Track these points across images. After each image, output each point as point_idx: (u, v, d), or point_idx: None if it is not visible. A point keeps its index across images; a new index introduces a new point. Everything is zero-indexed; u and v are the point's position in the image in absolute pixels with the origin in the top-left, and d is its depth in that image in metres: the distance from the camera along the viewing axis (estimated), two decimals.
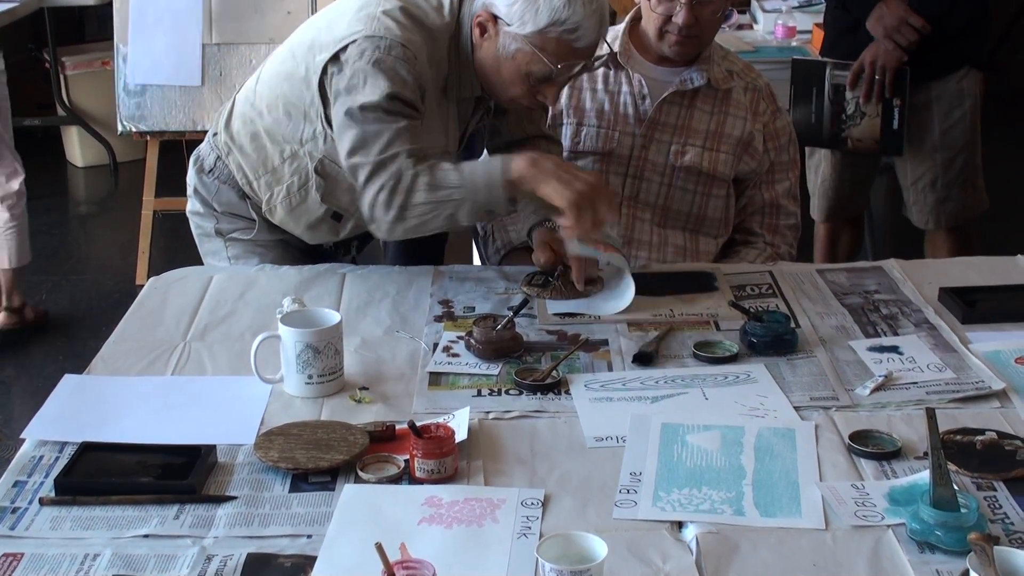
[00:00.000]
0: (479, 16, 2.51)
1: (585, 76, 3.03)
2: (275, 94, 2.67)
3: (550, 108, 3.00)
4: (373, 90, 2.46)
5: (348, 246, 2.91)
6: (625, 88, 3.01)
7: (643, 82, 2.99)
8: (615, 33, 3.04)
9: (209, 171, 2.82)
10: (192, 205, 2.89)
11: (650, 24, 2.93)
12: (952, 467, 1.91)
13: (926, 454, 1.89)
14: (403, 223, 2.50)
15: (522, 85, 2.54)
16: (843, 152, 4.02)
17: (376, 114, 2.47)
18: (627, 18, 3.06)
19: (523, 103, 2.63)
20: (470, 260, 3.23)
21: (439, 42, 2.55)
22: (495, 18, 2.49)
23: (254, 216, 2.80)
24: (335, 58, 2.52)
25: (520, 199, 2.50)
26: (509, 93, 2.58)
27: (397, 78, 2.46)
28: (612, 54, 2.99)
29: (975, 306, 2.54)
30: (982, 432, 2.05)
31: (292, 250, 2.85)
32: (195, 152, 2.88)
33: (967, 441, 2.02)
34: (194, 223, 2.90)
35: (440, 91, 2.60)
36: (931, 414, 1.86)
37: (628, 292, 2.57)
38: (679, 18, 2.86)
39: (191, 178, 2.86)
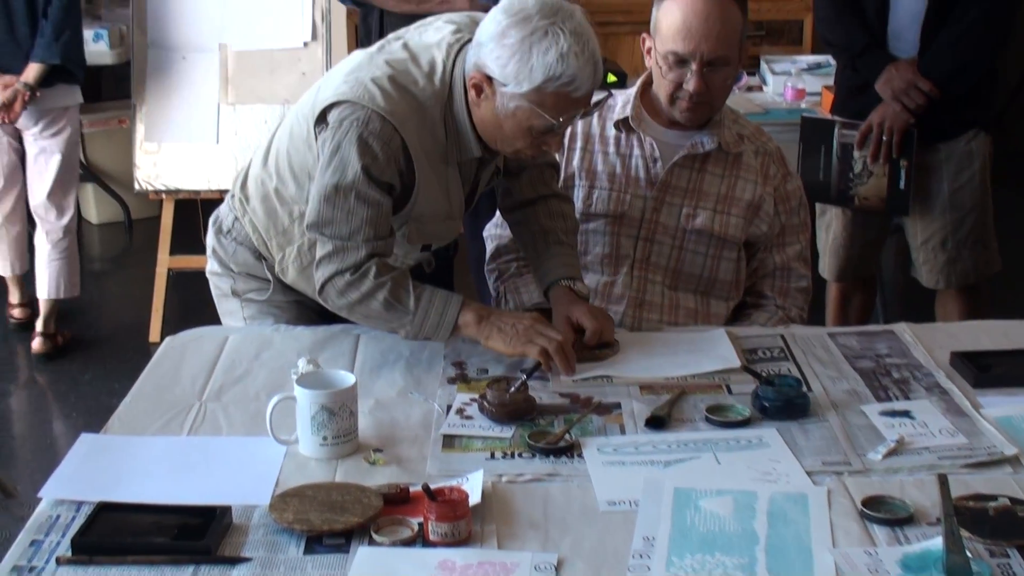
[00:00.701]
0: (473, 78, 2.51)
1: (597, 139, 3.06)
2: (282, 155, 2.71)
3: (562, 168, 3.04)
4: (347, 169, 2.50)
5: None
6: (637, 151, 3.04)
7: (654, 145, 3.02)
8: (627, 97, 3.07)
9: (227, 232, 2.85)
10: (211, 265, 2.92)
11: (661, 90, 2.96)
12: (965, 534, 1.91)
13: (939, 520, 1.90)
14: (350, 313, 2.61)
15: (525, 139, 2.55)
16: (851, 209, 4.04)
17: (347, 197, 2.51)
18: (639, 82, 3.09)
19: (528, 154, 2.65)
20: None
21: (430, 110, 2.56)
22: (489, 79, 2.49)
23: (269, 277, 2.83)
24: (321, 117, 2.56)
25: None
26: (513, 147, 2.59)
27: (370, 155, 2.49)
28: (624, 118, 3.02)
29: (987, 370, 2.55)
30: (995, 498, 2.05)
31: (307, 311, 2.88)
32: (214, 213, 2.92)
33: (980, 507, 2.02)
34: (212, 283, 2.93)
35: (440, 157, 2.61)
36: (943, 480, 1.87)
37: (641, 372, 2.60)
38: (690, 85, 2.88)
39: (210, 238, 2.90)
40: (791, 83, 5.02)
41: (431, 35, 2.64)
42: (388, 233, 2.57)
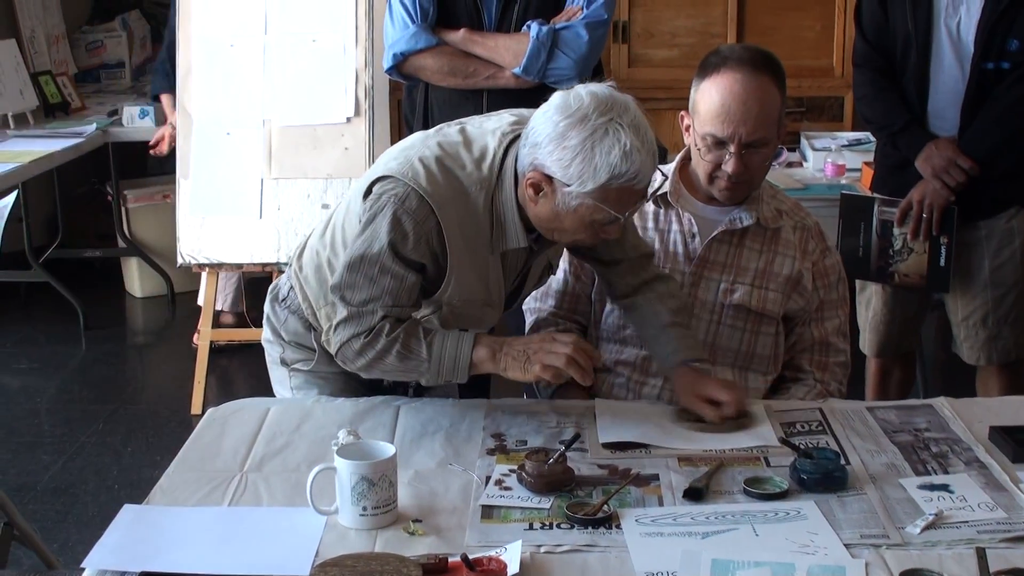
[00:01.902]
0: (531, 177, 2.52)
1: (636, 215, 3.09)
2: (337, 228, 2.76)
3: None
4: (374, 241, 2.56)
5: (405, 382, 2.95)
6: (675, 227, 3.06)
7: (692, 221, 3.04)
8: (665, 172, 3.09)
9: (282, 300, 2.91)
10: (265, 333, 2.98)
11: (700, 169, 2.98)
12: None
13: None
14: (368, 371, 2.67)
15: (587, 232, 2.58)
16: (891, 286, 4.05)
17: (371, 267, 2.57)
18: (678, 157, 3.12)
19: (586, 243, 2.71)
20: (518, 389, 3.27)
21: (474, 196, 2.58)
22: (549, 178, 2.51)
23: (315, 346, 2.86)
24: (368, 190, 2.61)
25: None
26: (572, 239, 2.64)
27: (400, 232, 2.54)
28: (663, 193, 3.05)
29: None
30: None
31: (351, 381, 2.89)
32: (274, 282, 2.98)
33: None
34: (266, 351, 3.00)
35: (482, 244, 2.63)
36: (981, 554, 1.87)
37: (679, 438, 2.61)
38: (728, 167, 2.90)
39: (267, 306, 2.96)
40: (831, 159, 5.04)
41: (491, 123, 2.69)
42: (408, 303, 2.61)
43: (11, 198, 3.65)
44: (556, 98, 2.53)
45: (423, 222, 2.54)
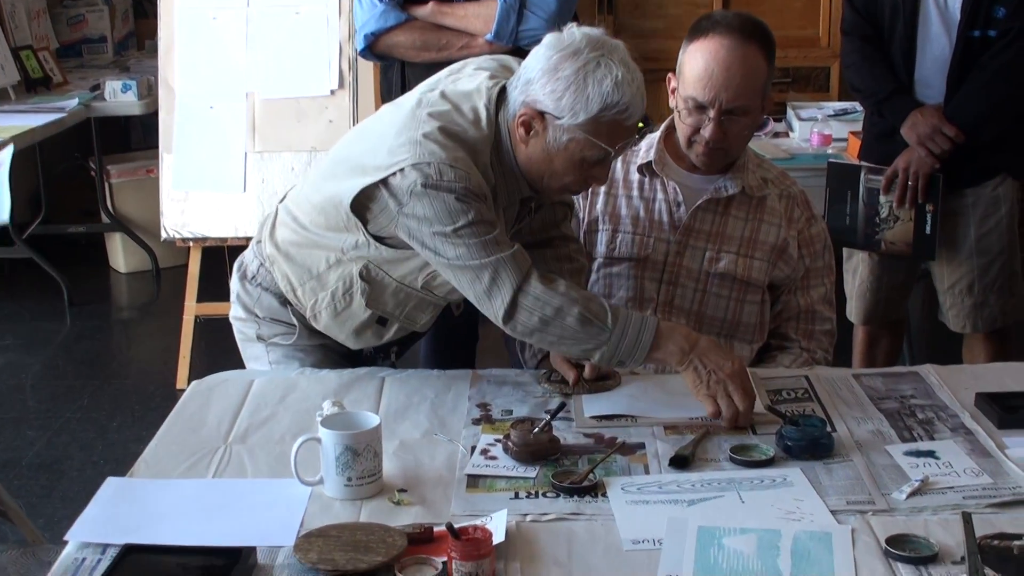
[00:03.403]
0: (523, 115, 2.54)
1: (621, 183, 3.08)
2: (317, 209, 2.71)
3: (585, 212, 3.06)
4: (450, 213, 2.49)
5: (388, 351, 2.94)
6: (660, 195, 3.05)
7: (677, 189, 3.03)
8: (651, 141, 3.09)
9: (251, 278, 2.87)
10: (234, 311, 2.93)
11: (680, 132, 2.97)
12: (989, 572, 1.91)
13: (963, 559, 1.89)
14: (540, 334, 2.56)
15: (576, 172, 2.58)
16: (877, 254, 4.04)
17: (468, 227, 2.50)
18: (662, 127, 3.10)
19: (574, 189, 2.69)
20: (504, 361, 3.26)
21: (481, 154, 2.58)
22: (541, 114, 2.53)
23: (295, 322, 2.84)
24: (385, 182, 2.53)
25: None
26: (562, 182, 2.62)
27: (460, 186, 2.49)
28: (647, 162, 3.04)
29: (1012, 412, 2.54)
30: (1019, 537, 2.04)
31: (332, 354, 2.89)
32: (238, 260, 2.93)
33: (1004, 546, 2.02)
34: (237, 328, 2.95)
35: (491, 200, 2.62)
36: (967, 518, 1.87)
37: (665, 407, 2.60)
38: (707, 132, 2.89)
39: (234, 285, 2.91)
40: (817, 129, 5.03)
41: (465, 83, 2.66)
42: (515, 243, 2.57)
43: (8, 151, 3.59)
44: (548, 38, 2.55)
45: (467, 179, 2.51)
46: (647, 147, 3.08)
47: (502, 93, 2.61)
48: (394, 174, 2.52)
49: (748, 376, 2.57)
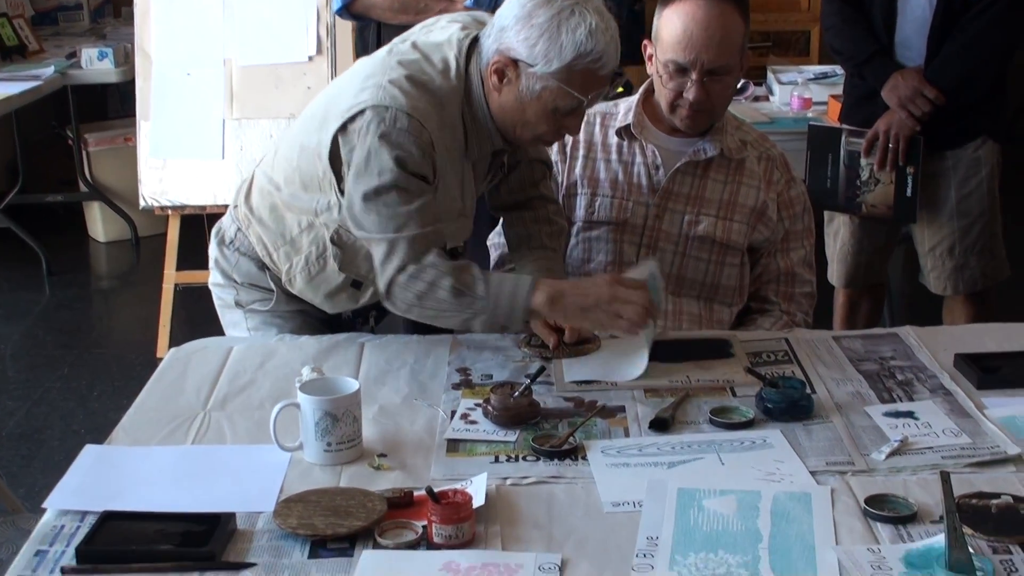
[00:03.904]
0: (496, 62, 2.53)
1: (599, 147, 3.07)
2: (291, 166, 2.71)
3: (564, 176, 3.05)
4: (383, 169, 2.49)
5: (367, 316, 2.93)
6: (639, 159, 3.04)
7: (656, 152, 3.02)
8: (629, 104, 3.08)
9: (229, 243, 2.86)
10: (213, 277, 2.92)
11: (662, 98, 2.96)
12: (968, 531, 1.91)
13: (942, 518, 1.89)
14: (421, 309, 2.56)
15: (549, 122, 2.57)
16: (858, 217, 4.05)
17: (389, 195, 2.50)
18: (641, 89, 3.09)
19: (547, 140, 2.68)
20: None
21: (449, 106, 2.58)
22: (515, 62, 2.52)
23: (273, 287, 2.83)
24: (343, 128, 2.55)
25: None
26: (535, 132, 2.61)
27: (403, 150, 2.49)
28: (626, 125, 3.03)
29: (991, 372, 2.55)
30: (998, 496, 2.05)
31: (311, 320, 2.88)
32: (216, 225, 2.92)
33: (983, 505, 2.03)
34: (215, 295, 2.94)
35: (458, 154, 2.63)
36: (946, 478, 1.87)
37: (643, 360, 2.59)
38: (690, 94, 2.88)
39: (212, 250, 2.90)
40: (797, 92, 5.02)
41: (437, 34, 2.66)
42: (434, 222, 2.55)
43: None
44: None
45: (419, 135, 2.51)
46: (625, 110, 3.07)
47: (474, 44, 2.60)
48: (354, 117, 2.53)
49: (618, 285, 2.56)
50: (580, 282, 2.62)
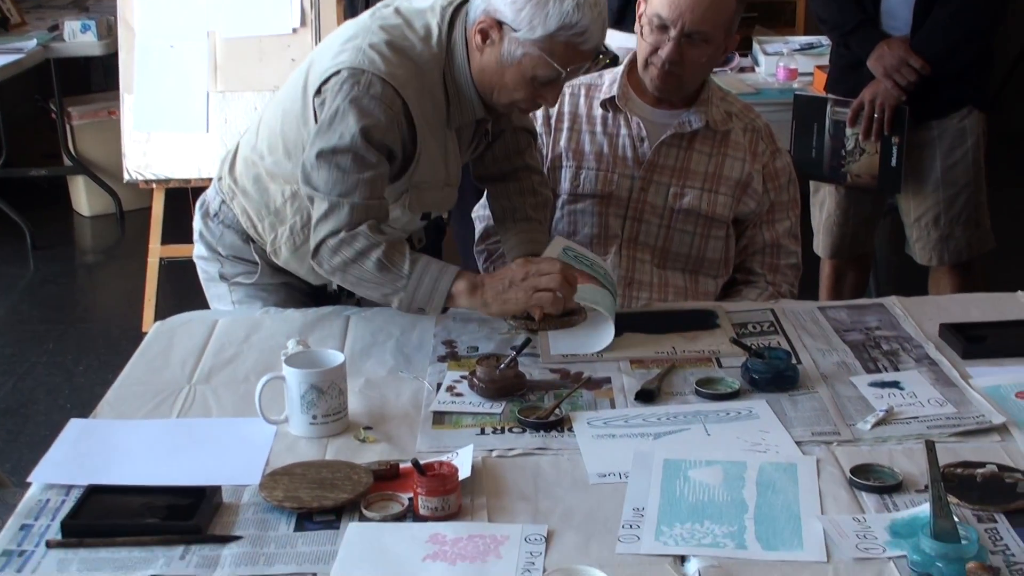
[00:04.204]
0: (481, 22, 2.51)
1: (584, 119, 3.06)
2: (274, 135, 2.70)
3: (549, 149, 3.04)
4: (345, 132, 2.47)
5: None
6: (624, 131, 3.03)
7: (641, 125, 3.01)
8: (614, 76, 3.07)
9: (214, 215, 2.85)
10: (198, 250, 2.91)
11: (639, 52, 2.95)
12: (953, 500, 1.92)
13: (927, 487, 1.89)
14: (344, 274, 2.54)
15: (526, 89, 2.55)
16: (843, 187, 4.05)
17: (343, 158, 2.48)
18: (626, 61, 3.08)
19: (523, 107, 2.65)
20: None
21: (429, 73, 2.56)
22: (499, 24, 2.50)
23: (257, 260, 2.83)
24: (319, 91, 2.54)
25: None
26: (511, 98, 2.59)
27: (370, 118, 2.47)
28: (611, 97, 3.02)
29: (976, 342, 2.55)
30: (982, 465, 2.06)
31: (296, 293, 2.87)
32: (201, 197, 2.91)
33: (968, 474, 2.03)
34: (200, 268, 2.93)
35: (439, 122, 2.61)
36: (931, 447, 1.87)
37: (609, 330, 2.59)
38: (664, 51, 2.87)
39: (197, 223, 2.89)
40: (783, 63, 5.02)
41: (420, 1, 2.64)
42: (381, 196, 2.54)
43: None
44: None
45: (391, 104, 2.49)
46: (610, 82, 3.06)
47: (458, 11, 2.58)
48: (329, 78, 2.52)
49: (532, 264, 2.54)
50: (497, 271, 2.60)
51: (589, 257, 2.73)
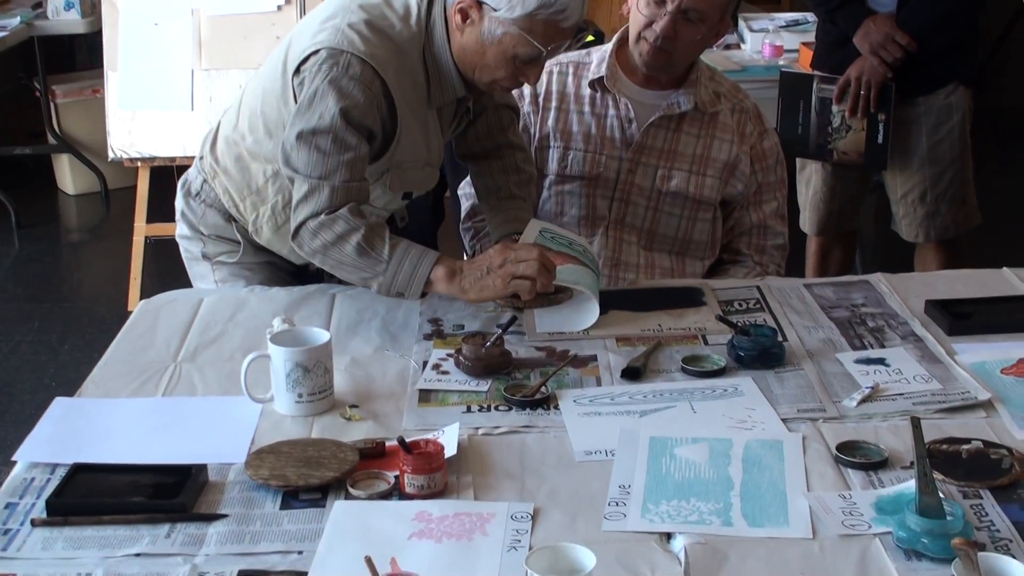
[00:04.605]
0: (461, 2, 2.50)
1: (572, 98, 3.05)
2: (255, 114, 2.69)
3: (536, 128, 3.03)
4: (325, 113, 2.46)
5: None
6: (612, 112, 3.02)
7: (629, 106, 3.00)
8: (602, 55, 3.05)
9: (196, 195, 2.84)
10: (180, 229, 2.90)
11: (632, 24, 2.94)
12: (938, 476, 1.93)
13: (912, 464, 1.90)
14: (324, 257, 2.52)
15: (507, 68, 2.54)
16: (829, 164, 4.05)
17: (323, 139, 2.47)
18: (614, 39, 3.07)
19: (504, 86, 2.64)
20: None
21: (409, 53, 2.55)
22: (479, 4, 2.49)
23: (239, 239, 2.82)
24: (297, 71, 2.53)
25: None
26: (492, 76, 2.57)
27: (350, 99, 2.46)
28: (599, 77, 3.01)
29: (961, 318, 2.56)
30: (968, 441, 2.06)
31: (279, 272, 2.87)
32: (183, 177, 2.90)
33: (953, 450, 2.04)
34: (182, 247, 2.92)
35: (419, 102, 2.60)
36: (916, 423, 1.88)
37: (594, 308, 2.58)
38: (659, 26, 2.85)
39: (179, 202, 2.88)
40: (769, 40, 5.01)
41: None
42: (363, 178, 2.53)
43: None
44: None
45: (370, 85, 2.48)
46: (598, 61, 3.05)
47: None
48: (307, 57, 2.51)
49: (510, 250, 2.52)
50: (474, 260, 2.60)
51: (567, 236, 2.72)
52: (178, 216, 2.90)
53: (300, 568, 1.79)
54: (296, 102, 2.53)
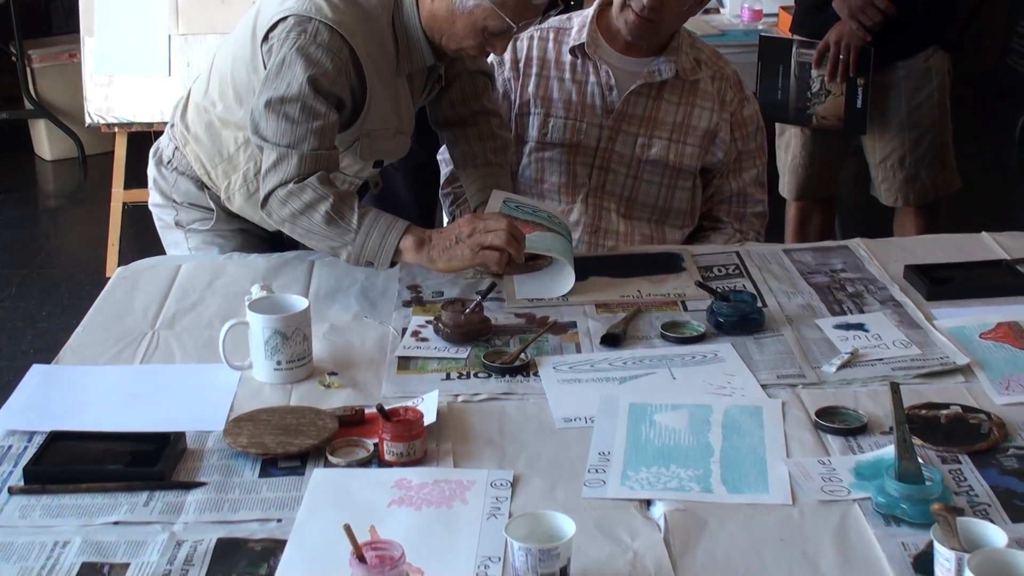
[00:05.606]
0: None
1: (553, 64, 3.03)
2: (225, 81, 2.67)
3: (517, 95, 3.01)
4: (293, 81, 2.44)
5: None
6: (592, 79, 3.00)
7: (610, 73, 2.98)
8: (583, 20, 3.03)
9: (167, 163, 2.82)
10: (153, 197, 2.89)
11: None
12: (917, 441, 1.93)
13: (891, 429, 1.90)
14: (293, 225, 2.50)
15: (475, 38, 2.53)
16: (809, 128, 4.04)
17: (292, 107, 2.45)
18: (595, 4, 3.04)
19: (471, 54, 2.62)
20: None
21: (378, 20, 2.54)
22: None
23: (212, 206, 2.80)
24: (266, 38, 2.51)
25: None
26: (460, 45, 2.56)
27: (318, 67, 2.44)
28: (580, 44, 2.99)
29: (940, 283, 2.56)
30: (947, 407, 2.07)
31: (253, 239, 2.85)
32: (154, 144, 2.88)
33: (932, 416, 2.04)
34: (155, 215, 2.90)
35: (389, 70, 2.59)
36: (895, 389, 1.88)
37: (569, 275, 2.58)
38: None
39: (151, 170, 2.87)
40: (748, 4, 5.00)
41: None
42: (331, 146, 2.52)
43: None
44: None
45: (339, 52, 2.47)
46: (579, 27, 3.03)
47: None
48: (276, 24, 2.49)
49: (479, 219, 2.52)
50: (444, 229, 2.58)
51: (530, 204, 2.72)
52: (150, 184, 2.88)
53: (279, 536, 1.79)
54: (265, 69, 2.52)
